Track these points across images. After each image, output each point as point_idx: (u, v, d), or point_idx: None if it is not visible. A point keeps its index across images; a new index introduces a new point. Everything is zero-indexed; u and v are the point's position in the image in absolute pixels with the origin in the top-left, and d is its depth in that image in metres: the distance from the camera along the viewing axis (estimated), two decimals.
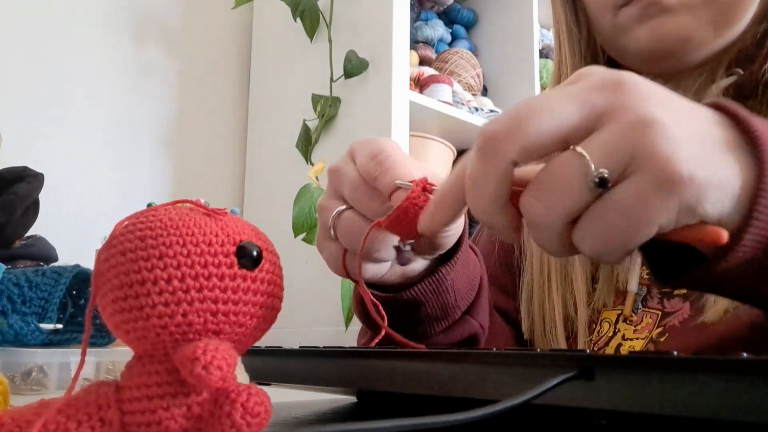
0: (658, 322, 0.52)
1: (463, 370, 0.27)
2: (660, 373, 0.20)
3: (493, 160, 0.29)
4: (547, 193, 0.28)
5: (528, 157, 0.28)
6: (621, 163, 0.27)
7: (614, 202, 0.27)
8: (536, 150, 0.28)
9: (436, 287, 0.46)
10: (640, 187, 0.26)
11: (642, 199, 0.26)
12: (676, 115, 0.28)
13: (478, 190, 0.30)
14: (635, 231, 0.27)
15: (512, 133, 0.28)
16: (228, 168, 1.58)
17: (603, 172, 0.27)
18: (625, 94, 0.28)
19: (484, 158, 0.29)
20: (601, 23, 0.58)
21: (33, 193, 1.03)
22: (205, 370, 0.21)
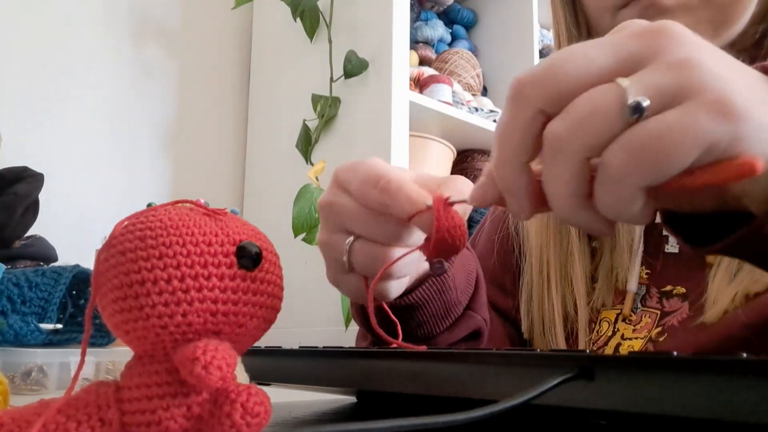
0: (657, 321, 0.52)
1: (463, 370, 0.27)
2: (660, 373, 0.20)
3: (521, 108, 0.27)
4: (575, 114, 0.26)
5: (557, 105, 0.26)
6: (665, 95, 0.25)
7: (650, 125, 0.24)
8: (566, 95, 0.26)
9: (439, 287, 0.46)
10: (691, 111, 0.24)
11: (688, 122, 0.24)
12: (723, 62, 0.26)
13: (504, 140, 0.28)
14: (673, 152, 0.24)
15: (542, 78, 0.27)
16: (228, 168, 1.58)
17: (641, 98, 0.24)
18: (667, 39, 0.26)
19: (512, 105, 0.27)
20: (600, 25, 0.58)
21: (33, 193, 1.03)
22: (205, 370, 0.21)
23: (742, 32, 0.53)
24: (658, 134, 0.24)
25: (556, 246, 0.58)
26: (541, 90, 0.26)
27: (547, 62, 0.27)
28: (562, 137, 0.26)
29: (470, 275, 0.50)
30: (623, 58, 0.26)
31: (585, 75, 0.26)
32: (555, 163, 0.26)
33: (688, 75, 0.25)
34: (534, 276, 0.59)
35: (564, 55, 0.27)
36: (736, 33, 0.53)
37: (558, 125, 0.26)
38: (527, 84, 0.27)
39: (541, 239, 0.59)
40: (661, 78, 0.25)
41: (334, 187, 0.41)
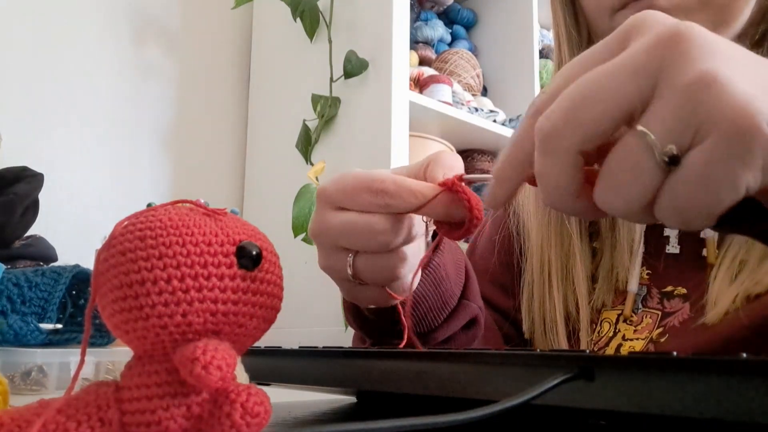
0: (658, 322, 0.52)
1: (462, 370, 0.27)
2: (660, 373, 0.20)
3: (559, 156, 0.27)
4: (618, 183, 0.26)
5: (593, 143, 0.27)
6: (688, 131, 0.25)
7: (687, 174, 0.25)
8: (599, 135, 0.27)
9: (434, 279, 0.46)
10: (716, 150, 0.24)
11: (721, 162, 0.24)
12: (739, 66, 0.25)
13: (550, 185, 0.28)
14: (719, 198, 0.25)
15: (570, 125, 0.27)
16: (228, 168, 1.58)
17: (671, 149, 0.25)
18: (681, 50, 0.25)
19: (549, 155, 0.28)
20: (599, 26, 0.58)
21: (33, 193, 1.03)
22: (205, 370, 0.21)
23: (742, 33, 0.53)
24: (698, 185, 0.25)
25: (556, 246, 0.58)
26: (573, 138, 0.27)
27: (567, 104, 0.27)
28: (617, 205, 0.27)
29: (459, 264, 0.50)
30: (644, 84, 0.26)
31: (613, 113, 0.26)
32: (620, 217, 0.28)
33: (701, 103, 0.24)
34: (535, 276, 0.59)
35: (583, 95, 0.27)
36: (734, 34, 0.53)
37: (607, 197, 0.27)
38: (556, 135, 0.27)
39: (542, 239, 0.59)
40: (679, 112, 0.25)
41: (322, 207, 0.40)
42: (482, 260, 0.65)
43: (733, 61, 0.25)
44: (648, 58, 0.26)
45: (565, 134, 0.27)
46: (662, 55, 0.26)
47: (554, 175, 0.28)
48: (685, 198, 0.25)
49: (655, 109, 0.25)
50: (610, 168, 0.27)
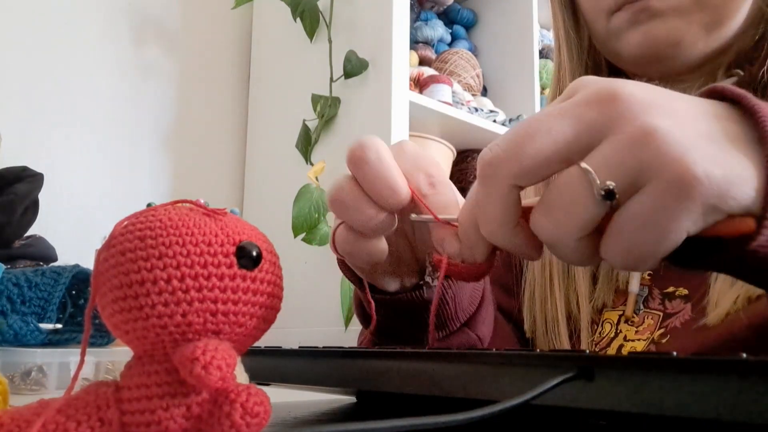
0: (659, 323, 0.52)
1: (462, 370, 0.27)
2: (659, 373, 0.20)
3: (495, 186, 0.29)
4: (554, 210, 0.28)
5: (528, 180, 0.28)
6: (629, 175, 0.26)
7: (633, 216, 0.26)
8: (535, 171, 0.28)
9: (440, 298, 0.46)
10: (657, 197, 0.25)
11: (662, 209, 0.25)
12: (677, 118, 0.27)
13: (486, 215, 0.30)
14: (662, 241, 0.26)
15: (509, 157, 0.28)
16: (228, 168, 1.58)
17: (609, 184, 0.26)
18: (621, 106, 0.27)
19: (486, 184, 0.29)
20: (596, 28, 0.58)
21: (32, 193, 1.03)
22: (205, 370, 0.21)
23: (741, 33, 0.53)
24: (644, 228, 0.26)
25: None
26: (511, 169, 0.28)
27: (510, 138, 0.28)
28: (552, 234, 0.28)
29: (474, 294, 0.49)
30: (584, 131, 0.27)
31: (551, 150, 0.27)
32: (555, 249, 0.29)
33: (644, 151, 0.25)
34: (536, 275, 0.59)
35: (525, 131, 0.28)
36: (730, 34, 0.53)
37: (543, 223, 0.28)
38: (495, 165, 0.29)
39: None
40: (621, 156, 0.26)
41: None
42: None
43: (670, 112, 0.27)
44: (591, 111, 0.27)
45: (503, 164, 0.28)
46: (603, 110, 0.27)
47: (491, 204, 0.29)
48: (630, 239, 0.26)
49: (599, 153, 0.27)
50: (549, 194, 0.28)
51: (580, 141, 0.27)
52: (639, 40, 0.53)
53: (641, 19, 0.53)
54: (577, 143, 0.27)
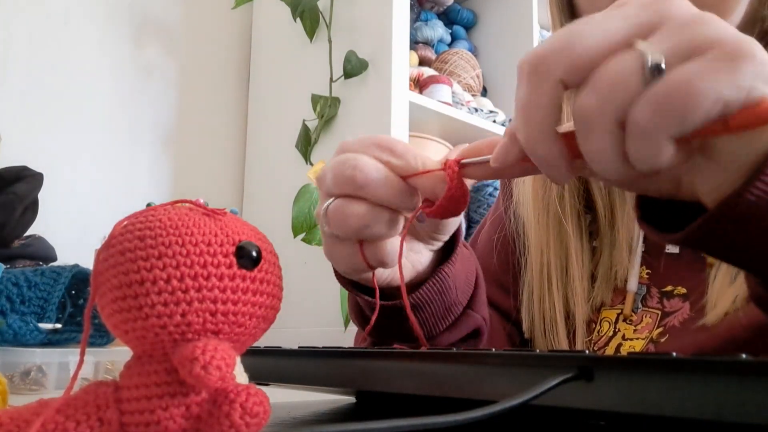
0: (658, 322, 0.52)
1: (462, 370, 0.27)
2: (659, 373, 0.20)
3: (541, 81, 0.28)
4: (600, 85, 0.26)
5: (577, 75, 0.27)
6: (682, 52, 0.26)
7: (671, 79, 0.25)
8: (585, 65, 0.27)
9: (439, 287, 0.46)
10: (709, 61, 0.25)
11: (708, 75, 0.25)
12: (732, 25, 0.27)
13: (528, 115, 0.29)
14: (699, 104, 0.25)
15: (559, 51, 0.27)
16: (227, 168, 1.58)
17: (660, 58, 0.25)
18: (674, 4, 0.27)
19: (532, 81, 0.28)
20: None
21: (32, 193, 1.03)
22: (204, 370, 0.21)
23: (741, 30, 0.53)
24: (679, 86, 0.25)
25: (555, 245, 0.58)
26: (561, 62, 0.27)
27: (563, 35, 0.28)
28: (593, 110, 0.26)
29: (470, 274, 0.50)
30: (636, 25, 0.27)
31: (603, 43, 0.27)
32: (591, 135, 0.27)
33: (700, 30, 0.26)
34: (534, 275, 0.59)
35: (579, 27, 0.27)
36: None
37: (586, 99, 0.27)
38: (547, 57, 0.27)
39: (541, 239, 0.59)
40: (675, 37, 0.26)
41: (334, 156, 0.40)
42: (482, 260, 0.65)
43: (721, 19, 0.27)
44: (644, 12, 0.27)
45: (552, 58, 0.27)
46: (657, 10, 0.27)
47: (535, 104, 0.28)
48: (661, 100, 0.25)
49: (655, 37, 0.26)
50: (598, 71, 0.27)
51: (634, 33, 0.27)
52: None
53: None
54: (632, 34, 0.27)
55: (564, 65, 0.27)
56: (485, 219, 0.70)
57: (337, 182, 0.38)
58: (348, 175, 0.37)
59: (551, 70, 0.27)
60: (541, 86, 0.28)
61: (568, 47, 0.27)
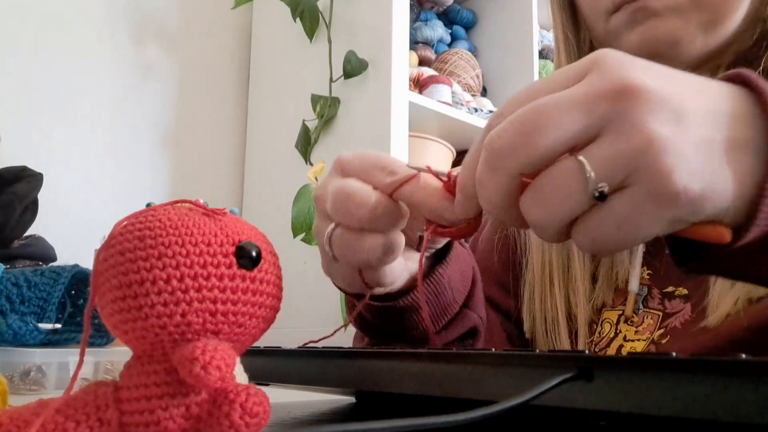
0: (659, 323, 0.52)
1: (461, 370, 0.27)
2: (659, 374, 0.20)
3: (499, 172, 0.30)
4: (546, 198, 0.29)
5: (532, 168, 0.29)
6: (619, 175, 0.27)
7: (609, 212, 0.28)
8: (540, 162, 0.29)
9: (435, 288, 0.46)
10: (635, 200, 0.27)
11: (636, 212, 0.27)
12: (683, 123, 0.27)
13: (487, 194, 0.31)
14: (629, 239, 0.28)
15: (517, 149, 0.29)
16: (227, 168, 1.58)
17: (603, 186, 0.28)
18: (633, 104, 0.27)
19: (491, 169, 0.30)
20: (596, 29, 0.58)
21: (32, 193, 1.03)
22: (204, 370, 0.21)
23: (741, 32, 0.53)
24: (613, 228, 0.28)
25: (557, 246, 0.58)
26: (516, 161, 0.29)
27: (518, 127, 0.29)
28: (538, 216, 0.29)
29: (465, 273, 0.50)
30: (593, 124, 0.28)
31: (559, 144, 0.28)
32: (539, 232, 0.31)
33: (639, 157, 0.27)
34: (536, 275, 0.59)
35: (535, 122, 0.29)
36: (728, 34, 0.53)
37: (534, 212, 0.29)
38: (502, 154, 0.29)
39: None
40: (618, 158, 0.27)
41: (333, 173, 0.40)
42: (483, 260, 0.65)
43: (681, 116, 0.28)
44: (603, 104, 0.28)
45: (510, 156, 0.29)
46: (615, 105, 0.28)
47: (493, 188, 0.30)
48: (601, 231, 0.28)
49: (599, 150, 0.28)
50: (542, 183, 0.29)
51: (588, 134, 0.28)
52: (638, 40, 0.53)
53: (639, 18, 0.53)
54: (585, 136, 0.28)
55: (520, 163, 0.29)
56: (486, 219, 0.70)
57: (338, 213, 0.38)
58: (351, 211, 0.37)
59: (508, 166, 0.29)
60: (499, 176, 0.30)
61: (525, 145, 0.29)
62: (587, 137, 0.28)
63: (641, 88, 0.27)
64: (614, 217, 0.28)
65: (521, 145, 0.29)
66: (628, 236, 0.28)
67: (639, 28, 0.53)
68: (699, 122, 0.28)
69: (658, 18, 0.52)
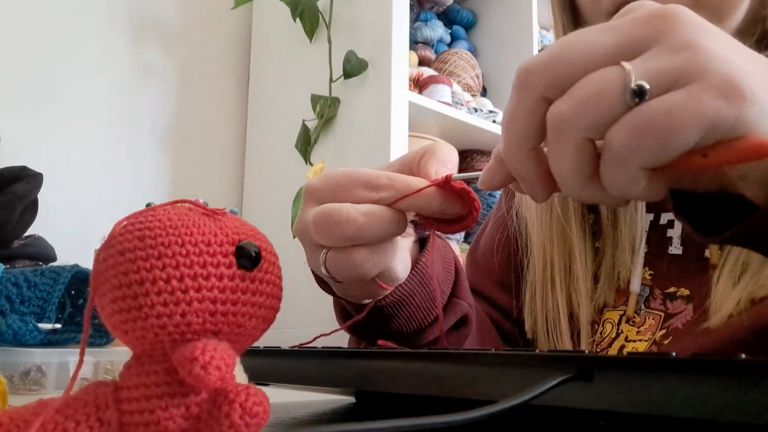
0: (661, 323, 0.52)
1: (461, 370, 0.27)
2: (658, 374, 0.20)
3: (524, 95, 0.28)
4: (577, 95, 0.26)
5: (559, 90, 0.27)
6: (668, 78, 0.25)
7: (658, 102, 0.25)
8: (567, 81, 0.26)
9: (419, 279, 0.45)
10: (694, 92, 0.24)
11: (694, 101, 0.24)
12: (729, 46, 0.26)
13: (510, 127, 0.29)
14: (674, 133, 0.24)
15: (545, 65, 0.27)
16: (227, 168, 1.58)
17: (643, 82, 0.25)
18: (672, 24, 0.26)
19: (517, 94, 0.28)
20: None
21: (32, 193, 1.03)
22: (204, 370, 0.21)
23: (742, 31, 0.53)
24: (659, 115, 0.24)
25: (558, 246, 0.58)
26: (544, 76, 0.27)
27: (552, 49, 0.27)
28: (564, 118, 0.26)
29: (448, 263, 0.49)
30: (627, 42, 0.26)
31: (589, 60, 0.26)
32: (558, 143, 0.27)
33: (691, 58, 0.25)
34: (537, 276, 0.59)
35: (569, 41, 0.27)
36: (731, 32, 0.53)
37: (560, 106, 0.26)
38: (531, 71, 0.27)
39: (544, 239, 0.59)
40: (664, 61, 0.25)
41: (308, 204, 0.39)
42: (485, 259, 0.65)
43: (722, 39, 0.26)
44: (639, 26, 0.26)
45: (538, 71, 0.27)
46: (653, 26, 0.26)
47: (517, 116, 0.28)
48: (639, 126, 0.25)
49: (643, 57, 0.26)
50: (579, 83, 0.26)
51: (624, 50, 0.26)
52: None
53: None
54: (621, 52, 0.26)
55: (546, 80, 0.27)
56: (488, 219, 0.70)
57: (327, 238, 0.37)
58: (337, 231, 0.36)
59: (534, 85, 0.27)
60: (523, 101, 0.28)
61: (554, 62, 0.27)
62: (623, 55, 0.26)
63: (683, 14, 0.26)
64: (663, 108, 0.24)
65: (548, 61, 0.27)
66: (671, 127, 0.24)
67: None
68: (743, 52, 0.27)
69: None
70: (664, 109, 0.24)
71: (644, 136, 0.25)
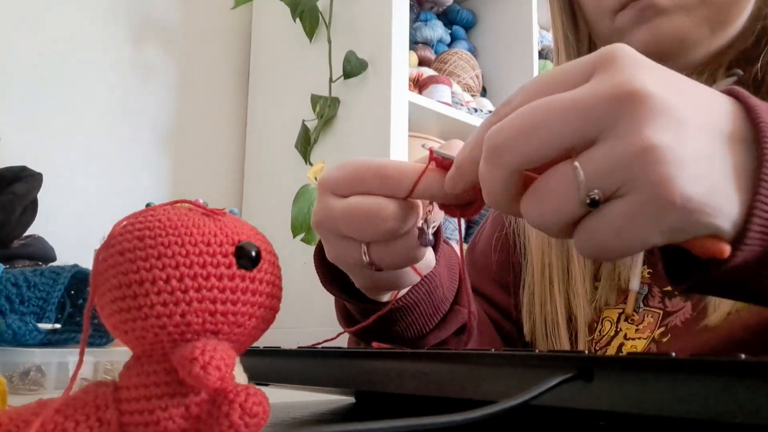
0: (659, 321, 0.52)
1: (461, 370, 0.27)
2: (658, 373, 0.20)
3: (498, 168, 0.30)
4: (541, 202, 0.29)
5: (530, 166, 0.29)
6: (615, 183, 0.27)
7: (606, 219, 0.28)
8: (538, 160, 0.29)
9: (427, 288, 0.46)
10: (632, 208, 0.27)
11: (633, 220, 0.27)
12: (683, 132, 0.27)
13: (488, 188, 0.31)
14: (628, 247, 0.28)
15: (515, 145, 0.29)
16: (227, 168, 1.58)
17: (595, 193, 0.27)
18: (633, 109, 0.27)
19: (490, 164, 0.30)
20: (599, 28, 0.58)
21: (31, 193, 1.03)
22: (204, 370, 0.21)
23: (742, 32, 0.53)
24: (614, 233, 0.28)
25: (557, 247, 0.58)
26: (514, 157, 0.29)
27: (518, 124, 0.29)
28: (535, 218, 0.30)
29: (453, 269, 0.50)
30: (590, 128, 0.28)
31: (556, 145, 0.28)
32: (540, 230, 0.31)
33: (636, 165, 0.26)
34: (536, 277, 0.59)
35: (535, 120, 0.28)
36: (735, 32, 0.53)
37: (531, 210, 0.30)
38: (500, 150, 0.29)
39: (542, 240, 0.59)
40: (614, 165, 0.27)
41: (326, 195, 0.39)
42: (483, 258, 0.65)
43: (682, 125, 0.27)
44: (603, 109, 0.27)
45: (508, 152, 0.29)
46: (616, 109, 0.27)
47: (493, 183, 0.30)
48: (599, 239, 0.28)
49: (594, 154, 0.27)
50: (539, 187, 0.29)
51: (585, 137, 0.28)
52: (645, 38, 0.53)
53: (647, 16, 0.53)
54: (582, 140, 0.28)
55: (518, 161, 0.29)
56: (486, 219, 0.70)
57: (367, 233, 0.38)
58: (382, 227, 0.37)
59: (506, 162, 0.29)
60: (498, 172, 0.30)
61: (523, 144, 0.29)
62: (585, 141, 0.28)
63: (643, 95, 0.27)
64: (612, 225, 0.27)
65: (518, 143, 0.29)
66: (626, 244, 0.28)
67: (646, 26, 0.53)
68: (699, 133, 0.27)
69: (665, 16, 0.52)
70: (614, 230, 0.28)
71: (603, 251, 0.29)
